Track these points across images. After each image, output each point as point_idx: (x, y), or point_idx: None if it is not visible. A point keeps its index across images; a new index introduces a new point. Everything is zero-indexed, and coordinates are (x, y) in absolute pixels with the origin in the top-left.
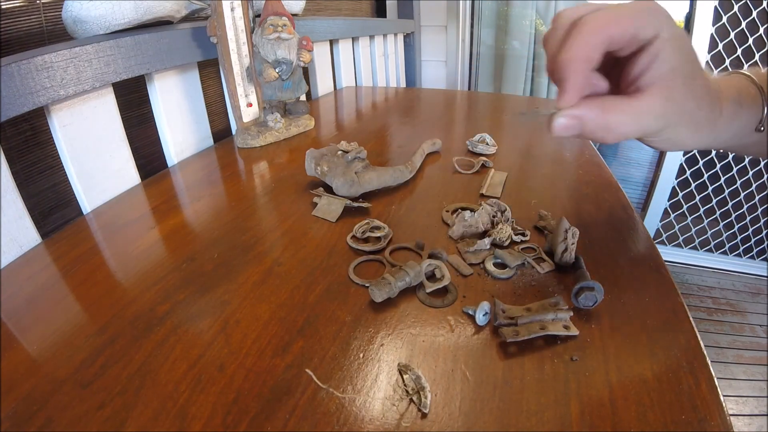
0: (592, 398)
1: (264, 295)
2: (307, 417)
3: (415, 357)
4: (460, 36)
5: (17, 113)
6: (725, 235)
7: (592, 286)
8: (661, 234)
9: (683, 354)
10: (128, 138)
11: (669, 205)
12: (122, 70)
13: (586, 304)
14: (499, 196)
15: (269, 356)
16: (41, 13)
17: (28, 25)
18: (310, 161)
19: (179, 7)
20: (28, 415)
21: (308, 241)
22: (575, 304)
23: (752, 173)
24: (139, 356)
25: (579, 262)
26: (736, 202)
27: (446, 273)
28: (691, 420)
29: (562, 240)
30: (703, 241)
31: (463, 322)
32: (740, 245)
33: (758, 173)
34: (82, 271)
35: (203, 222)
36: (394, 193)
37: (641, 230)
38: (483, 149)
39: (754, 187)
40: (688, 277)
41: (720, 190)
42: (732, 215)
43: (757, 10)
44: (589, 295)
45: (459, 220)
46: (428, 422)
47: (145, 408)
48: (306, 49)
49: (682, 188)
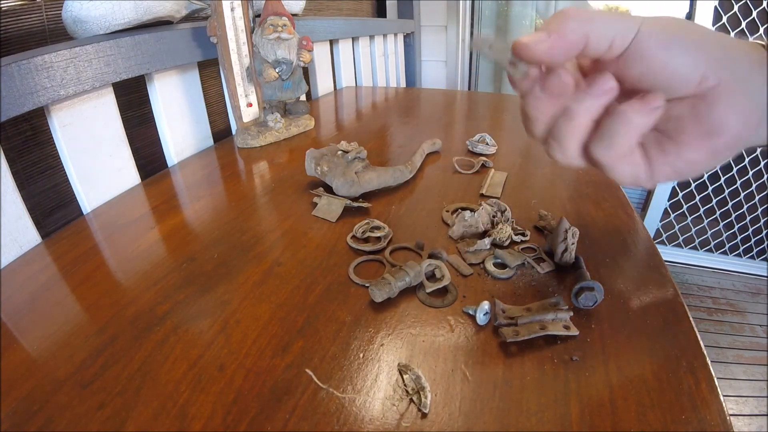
0: (592, 398)
1: (264, 295)
2: (307, 417)
3: (415, 357)
4: (460, 36)
5: (17, 113)
6: (725, 235)
7: (592, 286)
8: (661, 234)
9: (683, 354)
10: (128, 138)
11: (669, 205)
12: (122, 70)
13: (586, 304)
14: (500, 196)
15: (269, 356)
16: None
17: (29, 24)
18: (310, 161)
19: (179, 7)
20: (28, 415)
21: (308, 241)
22: (575, 304)
23: (752, 173)
24: (139, 356)
25: (579, 262)
26: (736, 202)
27: (446, 273)
28: (691, 420)
29: (562, 240)
30: (703, 241)
31: (463, 322)
32: (740, 245)
33: (758, 173)
34: (82, 271)
35: (203, 222)
36: (394, 193)
37: (641, 230)
38: (483, 149)
39: (754, 187)
40: (688, 277)
41: (720, 190)
42: (732, 215)
43: (757, 10)
44: (589, 295)
45: (459, 220)
46: (428, 422)
47: (145, 408)
48: (306, 49)
49: (682, 188)
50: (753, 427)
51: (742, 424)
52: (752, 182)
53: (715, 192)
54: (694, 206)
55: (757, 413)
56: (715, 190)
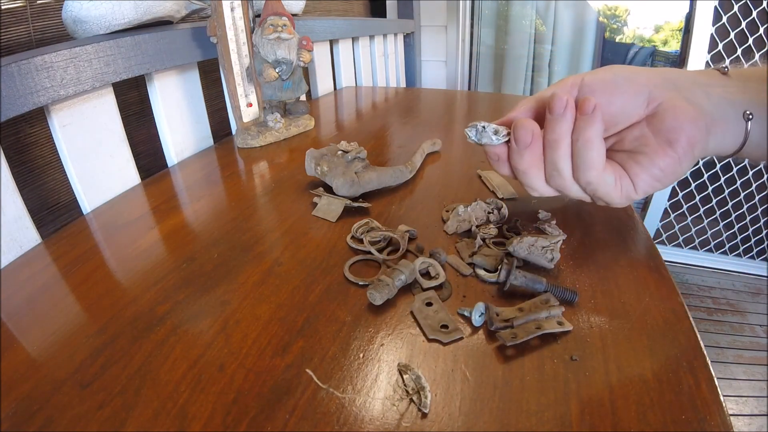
0: (592, 398)
1: (264, 295)
2: (307, 417)
3: (415, 357)
4: (460, 36)
5: (17, 113)
6: (725, 235)
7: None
8: (661, 234)
9: (683, 354)
10: (128, 138)
11: (669, 205)
12: (122, 70)
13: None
14: (516, 195)
15: (269, 356)
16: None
17: (17, 34)
18: (310, 161)
19: (179, 7)
20: (28, 415)
21: (308, 241)
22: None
23: (752, 173)
24: (139, 356)
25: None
26: (736, 202)
27: (440, 271)
28: (691, 420)
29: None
30: (703, 241)
31: (463, 322)
32: (740, 245)
33: (758, 173)
34: (82, 271)
35: (203, 222)
36: (394, 193)
37: (641, 230)
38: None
39: (754, 187)
40: (688, 277)
41: (720, 190)
42: (732, 215)
43: (757, 10)
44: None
45: (453, 215)
46: (428, 422)
47: (145, 408)
48: (306, 49)
49: (682, 188)
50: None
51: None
52: (752, 182)
53: (715, 192)
54: (694, 206)
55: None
56: (715, 190)
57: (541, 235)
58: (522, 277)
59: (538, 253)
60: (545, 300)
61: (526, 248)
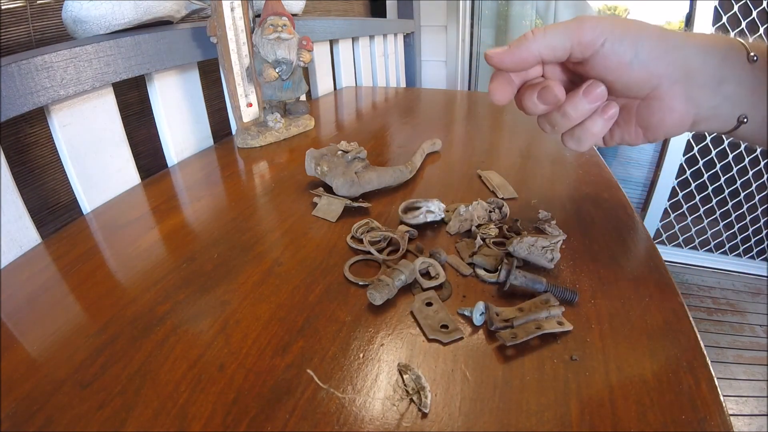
0: (592, 398)
1: (264, 295)
2: (307, 417)
3: (415, 357)
4: (460, 36)
5: (17, 113)
6: (725, 235)
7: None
8: (661, 234)
9: (683, 354)
10: (128, 138)
11: (669, 205)
12: (122, 70)
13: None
14: (516, 196)
15: (269, 356)
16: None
17: (17, 35)
18: (310, 161)
19: (179, 7)
20: (28, 415)
21: (308, 241)
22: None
23: (752, 173)
24: (139, 356)
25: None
26: (736, 202)
27: (440, 271)
28: (691, 420)
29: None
30: (703, 241)
31: (463, 322)
32: (740, 245)
33: (758, 173)
34: (82, 271)
35: (203, 222)
36: (394, 193)
37: (641, 230)
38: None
39: (754, 187)
40: (688, 277)
41: (720, 190)
42: (732, 215)
43: (757, 10)
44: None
45: (455, 215)
46: (428, 422)
47: (145, 408)
48: (306, 49)
49: (682, 188)
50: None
51: (742, 424)
52: (752, 182)
53: (715, 192)
54: (694, 206)
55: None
56: (715, 190)
57: (541, 235)
58: (522, 277)
59: (538, 253)
60: (545, 300)
61: (526, 248)
